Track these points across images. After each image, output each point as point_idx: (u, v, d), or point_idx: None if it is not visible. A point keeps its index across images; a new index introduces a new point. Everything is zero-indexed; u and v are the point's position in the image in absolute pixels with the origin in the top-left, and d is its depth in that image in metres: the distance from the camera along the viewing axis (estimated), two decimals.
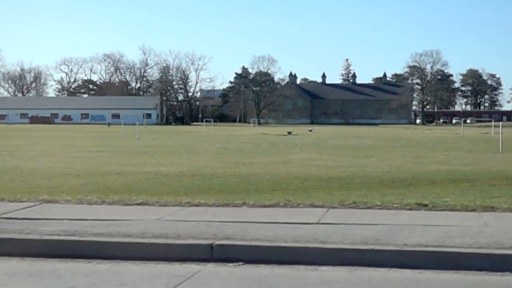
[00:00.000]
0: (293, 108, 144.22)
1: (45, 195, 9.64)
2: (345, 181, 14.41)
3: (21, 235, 6.67)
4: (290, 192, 12.23)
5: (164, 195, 10.87)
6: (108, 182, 14.02)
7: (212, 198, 10.30)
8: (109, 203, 8.70)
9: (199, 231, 6.67)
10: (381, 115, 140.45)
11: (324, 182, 14.26)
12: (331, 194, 11.62)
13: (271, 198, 9.78)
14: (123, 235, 6.53)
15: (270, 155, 25.41)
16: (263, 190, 12.79)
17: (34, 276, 5.79)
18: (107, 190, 12.33)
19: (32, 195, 11.04)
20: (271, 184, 13.86)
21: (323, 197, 10.78)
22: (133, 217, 7.50)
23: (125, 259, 6.16)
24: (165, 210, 8.07)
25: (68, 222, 7.20)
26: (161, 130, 74.04)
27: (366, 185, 13.69)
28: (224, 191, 12.37)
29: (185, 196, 10.74)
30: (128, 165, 18.80)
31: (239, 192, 12.13)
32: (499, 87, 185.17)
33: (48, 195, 10.12)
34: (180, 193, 11.67)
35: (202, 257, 6.28)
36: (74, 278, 5.77)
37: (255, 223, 7.01)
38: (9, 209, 8.23)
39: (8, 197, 9.61)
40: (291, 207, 8.24)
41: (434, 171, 17.25)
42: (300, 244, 6.29)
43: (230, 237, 6.45)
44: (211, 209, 8.12)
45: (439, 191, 12.26)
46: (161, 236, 6.47)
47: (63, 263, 6.14)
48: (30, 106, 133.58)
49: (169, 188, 12.71)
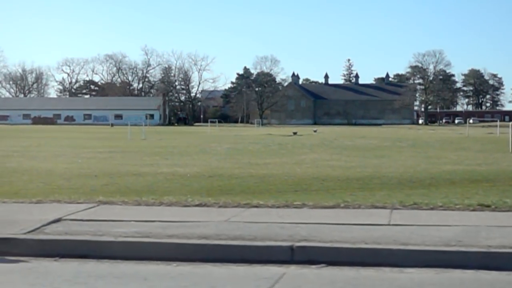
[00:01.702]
0: (295, 108, 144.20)
1: (101, 196, 9.63)
2: (364, 182, 14.42)
3: (95, 237, 6.67)
4: (312, 193, 12.26)
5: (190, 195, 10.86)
6: (128, 183, 14.03)
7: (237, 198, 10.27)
8: (167, 204, 8.68)
9: (273, 232, 6.65)
10: (383, 116, 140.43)
11: (343, 183, 14.27)
12: (355, 195, 11.59)
13: (312, 199, 9.76)
14: (198, 237, 6.49)
15: (281, 155, 25.42)
16: (285, 190, 12.81)
17: (120, 279, 5.78)
18: (129, 191, 12.35)
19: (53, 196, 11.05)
20: (290, 185, 13.87)
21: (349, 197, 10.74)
22: (199, 218, 7.47)
23: (203, 261, 6.13)
24: (227, 211, 8.05)
25: (136, 223, 7.15)
26: (165, 130, 74.04)
27: (387, 185, 13.71)
28: (246, 192, 12.39)
29: (208, 197, 10.73)
30: (143, 166, 18.81)
31: (261, 193, 12.13)
32: (500, 87, 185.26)
33: (89, 196, 10.12)
34: (203, 194, 11.66)
35: (283, 259, 6.24)
36: (161, 280, 5.74)
37: (326, 224, 6.99)
38: (71, 210, 8.25)
39: (63, 198, 9.63)
40: (353, 208, 8.22)
41: (449, 171, 17.26)
42: (382, 245, 6.26)
43: (308, 239, 6.42)
44: (273, 210, 8.10)
45: (462, 191, 12.26)
46: (237, 238, 6.43)
47: (142, 265, 6.11)
48: (32, 106, 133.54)
49: (191, 189, 12.71)
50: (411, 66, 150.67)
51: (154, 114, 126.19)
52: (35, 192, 11.94)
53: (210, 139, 44.29)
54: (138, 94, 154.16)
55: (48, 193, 11.60)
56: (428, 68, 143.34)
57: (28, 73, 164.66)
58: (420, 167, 18.96)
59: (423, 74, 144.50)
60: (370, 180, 14.79)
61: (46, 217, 7.66)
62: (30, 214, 8.03)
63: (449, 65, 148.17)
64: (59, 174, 15.91)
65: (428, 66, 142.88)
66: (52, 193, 11.72)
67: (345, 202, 8.72)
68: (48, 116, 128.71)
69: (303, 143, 38.72)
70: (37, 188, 12.90)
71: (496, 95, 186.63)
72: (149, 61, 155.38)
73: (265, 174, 16.06)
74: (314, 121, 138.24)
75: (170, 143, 37.27)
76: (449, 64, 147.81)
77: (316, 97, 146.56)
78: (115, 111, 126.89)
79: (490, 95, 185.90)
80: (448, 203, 8.96)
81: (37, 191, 12.19)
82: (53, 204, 8.91)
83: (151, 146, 33.63)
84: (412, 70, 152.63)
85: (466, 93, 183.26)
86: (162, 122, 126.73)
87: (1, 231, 6.99)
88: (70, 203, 8.87)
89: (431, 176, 15.73)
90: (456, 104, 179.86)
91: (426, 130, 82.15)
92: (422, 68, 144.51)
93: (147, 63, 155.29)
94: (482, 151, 29.46)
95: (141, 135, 46.65)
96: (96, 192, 11.93)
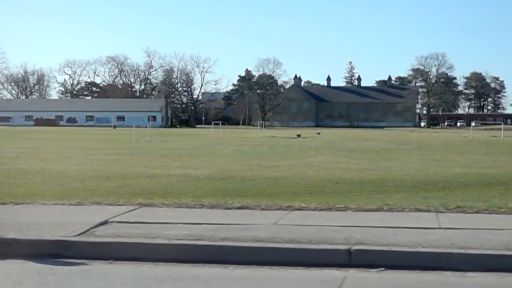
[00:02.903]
0: (298, 111, 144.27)
1: (140, 199, 9.63)
2: (377, 185, 14.39)
3: (148, 240, 6.63)
4: (328, 196, 12.23)
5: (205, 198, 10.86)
6: (142, 185, 14.01)
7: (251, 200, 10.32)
8: (209, 206, 8.67)
9: (327, 235, 6.64)
10: (386, 118, 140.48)
11: (357, 186, 14.24)
12: (372, 197, 11.57)
13: (343, 202, 9.76)
14: (251, 239, 6.49)
15: (289, 158, 25.40)
16: (300, 193, 12.78)
17: (181, 282, 5.75)
18: (144, 193, 12.33)
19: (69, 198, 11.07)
20: (304, 187, 13.85)
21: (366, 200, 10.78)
22: (246, 221, 7.46)
23: (259, 264, 6.11)
24: (271, 214, 8.04)
25: (184, 226, 7.13)
26: (168, 132, 74.01)
27: (401, 188, 13.69)
28: (262, 194, 12.36)
29: (224, 199, 10.72)
30: (153, 168, 18.80)
31: (277, 195, 12.11)
32: (502, 90, 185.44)
33: (126, 199, 10.16)
34: (219, 196, 11.64)
35: (340, 262, 6.23)
36: (223, 284, 5.72)
37: (378, 227, 6.99)
38: (114, 212, 8.27)
39: (102, 200, 9.66)
40: (397, 211, 8.23)
41: (461, 174, 17.23)
42: (441, 249, 6.26)
43: (364, 242, 6.42)
44: (317, 213, 8.10)
45: (478, 194, 12.22)
46: (292, 241, 6.41)
47: (198, 268, 6.07)
48: (34, 108, 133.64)
49: (206, 191, 12.70)
50: (413, 69, 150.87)
51: (156, 116, 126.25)
52: (51, 193, 11.93)
53: (215, 141, 44.29)
54: (140, 96, 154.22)
55: (65, 195, 11.61)
56: (430, 71, 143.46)
57: (30, 75, 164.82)
58: (430, 170, 18.94)
59: (425, 76, 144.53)
60: (383, 182, 14.76)
61: (92, 220, 7.68)
62: (74, 216, 8.05)
63: (451, 68, 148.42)
64: (71, 176, 15.90)
65: (430, 68, 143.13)
66: (69, 195, 11.73)
67: (387, 205, 8.71)
68: (50, 117, 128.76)
69: (308, 145, 38.70)
70: (53, 189, 12.89)
71: (497, 98, 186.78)
72: (151, 63, 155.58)
73: (277, 177, 16.04)
74: (316, 123, 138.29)
75: (176, 145, 37.26)
76: (451, 67, 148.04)
77: (318, 100, 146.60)
78: (117, 113, 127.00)
79: (491, 98, 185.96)
80: (491, 206, 8.97)
81: (53, 192, 12.17)
82: (93, 206, 8.94)
83: (157, 148, 33.63)
84: (414, 72, 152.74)
85: (467, 96, 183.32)
86: (164, 124, 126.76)
87: (51, 233, 7.01)
88: (110, 205, 8.88)
89: (444, 179, 15.70)
90: (457, 107, 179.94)
91: (429, 133, 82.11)
92: (424, 70, 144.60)
93: (149, 65, 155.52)
94: (488, 154, 29.43)
95: (145, 137, 46.64)
96: (112, 194, 11.94)
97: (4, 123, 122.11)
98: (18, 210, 9.26)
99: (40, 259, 6.56)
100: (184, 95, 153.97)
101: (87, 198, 10.28)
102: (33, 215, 8.51)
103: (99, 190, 12.77)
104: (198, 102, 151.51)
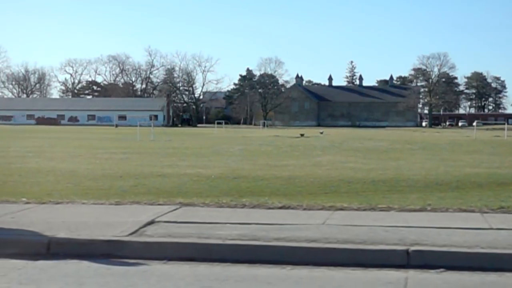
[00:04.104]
0: (299, 110, 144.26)
1: (180, 198, 9.63)
2: (391, 184, 14.40)
3: (202, 240, 6.62)
4: (344, 195, 12.24)
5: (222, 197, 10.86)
6: (156, 184, 14.01)
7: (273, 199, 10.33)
8: (250, 206, 8.66)
9: (379, 236, 6.62)
10: (387, 118, 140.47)
11: (370, 185, 14.25)
12: (388, 197, 11.58)
13: (368, 201, 9.73)
14: (306, 240, 6.49)
15: (296, 157, 25.38)
16: (315, 192, 12.79)
17: (242, 282, 5.72)
18: (159, 192, 12.34)
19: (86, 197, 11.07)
20: (318, 187, 13.85)
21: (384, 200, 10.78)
22: (293, 221, 7.43)
23: (315, 265, 6.09)
24: (316, 214, 8.04)
25: (233, 226, 7.16)
26: (171, 132, 74.03)
27: (415, 188, 13.69)
28: (277, 194, 12.36)
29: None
30: (163, 167, 18.80)
31: (293, 195, 12.12)
32: (503, 90, 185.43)
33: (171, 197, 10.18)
34: (235, 195, 11.65)
35: (398, 263, 6.22)
36: (286, 284, 5.67)
37: (429, 228, 6.97)
38: (157, 212, 8.26)
39: (141, 200, 9.67)
40: (440, 211, 8.23)
41: (472, 174, 17.23)
42: (500, 250, 6.26)
43: (419, 243, 6.40)
44: (363, 213, 8.09)
45: (493, 194, 12.23)
46: (347, 241, 6.39)
47: (255, 268, 6.01)
48: (36, 107, 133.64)
49: (221, 190, 12.70)
50: (414, 69, 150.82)
51: (158, 115, 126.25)
52: (66, 193, 11.94)
53: (220, 141, 44.28)
54: (141, 95, 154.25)
55: (81, 194, 11.63)
56: (432, 70, 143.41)
57: (30, 74, 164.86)
58: (440, 169, 18.93)
59: (427, 76, 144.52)
60: (397, 182, 14.77)
61: (138, 219, 7.69)
62: (119, 216, 8.03)
63: (453, 68, 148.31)
64: (83, 175, 15.90)
65: (432, 68, 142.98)
66: (85, 194, 11.75)
67: (429, 205, 8.72)
68: (52, 116, 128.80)
69: (313, 145, 38.70)
70: (67, 189, 12.90)
71: (498, 98, 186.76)
72: (153, 62, 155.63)
73: (289, 176, 16.04)
74: (318, 123, 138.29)
75: (181, 144, 37.27)
76: (453, 67, 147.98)
77: (320, 99, 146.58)
78: (119, 112, 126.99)
79: (492, 98, 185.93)
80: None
81: (69, 191, 12.18)
82: (134, 206, 8.93)
83: (163, 147, 33.63)
84: (415, 72, 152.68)
85: (468, 96, 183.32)
86: (166, 123, 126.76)
87: (102, 233, 6.99)
88: (151, 205, 8.87)
89: (456, 179, 15.70)
90: (458, 107, 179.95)
91: (431, 133, 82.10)
92: (426, 70, 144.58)
93: (151, 64, 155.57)
94: (495, 154, 29.42)
95: (149, 136, 46.65)
96: (128, 194, 11.95)
97: (6, 122, 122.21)
98: (59, 209, 9.25)
99: (94, 259, 6.55)
100: (185, 94, 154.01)
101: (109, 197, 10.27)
102: (76, 215, 8.51)
103: (114, 189, 12.79)
104: (200, 102, 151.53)
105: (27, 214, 8.69)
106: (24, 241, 7.07)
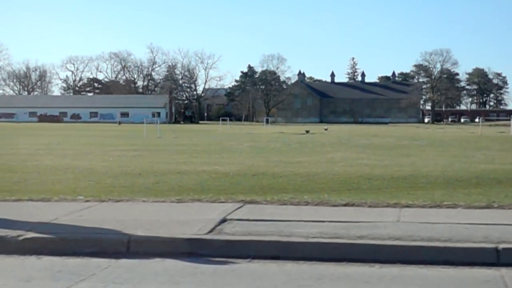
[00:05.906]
0: (302, 107, 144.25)
1: (241, 196, 9.60)
2: (411, 181, 14.39)
3: (284, 238, 6.57)
4: (367, 192, 12.23)
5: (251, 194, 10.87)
6: (177, 181, 14.00)
7: (307, 196, 10.32)
8: (314, 203, 8.65)
9: (463, 233, 6.54)
10: (390, 114, 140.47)
11: (391, 182, 14.23)
12: (414, 194, 11.57)
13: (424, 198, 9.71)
14: (389, 238, 6.48)
15: (308, 154, 25.37)
16: (337, 189, 12.77)
17: (337, 281, 5.62)
18: (183, 189, 12.34)
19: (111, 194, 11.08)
20: (340, 184, 13.83)
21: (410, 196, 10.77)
22: (365, 219, 7.34)
23: (403, 263, 6.04)
24: (384, 211, 7.99)
25: (309, 224, 7.11)
26: (175, 128, 73.98)
27: (436, 184, 13.68)
28: (300, 191, 12.35)
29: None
30: (178, 164, 18.78)
31: (316, 192, 12.09)
32: (504, 86, 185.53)
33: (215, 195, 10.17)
34: (259, 193, 11.66)
35: (488, 261, 6.23)
36: (385, 283, 5.60)
37: (508, 225, 6.97)
38: (224, 210, 8.18)
39: (201, 197, 9.62)
40: (508, 208, 8.23)
41: (488, 170, 17.21)
42: None
43: (505, 241, 6.36)
44: (431, 210, 8.07)
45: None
46: (431, 239, 6.34)
47: (343, 266, 6.04)
48: (38, 104, 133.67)
49: (244, 188, 12.70)
50: (416, 65, 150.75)
51: (160, 112, 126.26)
52: (91, 190, 11.92)
53: (226, 138, 44.29)
54: (142, 92, 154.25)
55: (106, 192, 11.63)
56: (435, 67, 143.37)
57: (32, 71, 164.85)
58: (455, 166, 18.91)
59: (429, 72, 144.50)
60: (416, 179, 14.75)
61: (209, 217, 7.62)
62: (188, 214, 7.98)
63: (456, 64, 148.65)
64: (102, 173, 15.88)
65: (435, 64, 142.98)
66: (110, 191, 11.74)
67: (495, 203, 8.71)
68: (54, 114, 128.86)
69: (321, 141, 38.70)
70: (90, 186, 12.89)
71: (500, 94, 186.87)
72: (155, 59, 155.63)
73: (308, 173, 16.02)
74: (320, 119, 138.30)
75: (189, 141, 37.26)
76: (456, 63, 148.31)
77: (322, 96, 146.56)
78: (121, 109, 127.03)
79: (494, 94, 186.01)
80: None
81: (93, 189, 12.17)
82: (196, 204, 8.85)
83: (171, 144, 33.61)
84: (416, 68, 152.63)
85: (470, 92, 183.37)
86: (168, 120, 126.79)
87: (180, 231, 6.93)
88: (213, 202, 8.81)
89: (474, 175, 15.68)
90: (460, 103, 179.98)
91: (435, 129, 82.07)
92: (428, 66, 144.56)
93: (153, 61, 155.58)
94: (504, 150, 29.43)
95: (155, 133, 46.65)
96: (153, 191, 11.96)
97: (8, 119, 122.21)
98: (123, 207, 9.13)
99: (177, 258, 6.48)
100: (187, 91, 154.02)
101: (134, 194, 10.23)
102: (144, 213, 8.40)
103: (137, 187, 12.79)
104: (202, 98, 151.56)
105: (93, 212, 8.55)
106: (103, 239, 6.93)
